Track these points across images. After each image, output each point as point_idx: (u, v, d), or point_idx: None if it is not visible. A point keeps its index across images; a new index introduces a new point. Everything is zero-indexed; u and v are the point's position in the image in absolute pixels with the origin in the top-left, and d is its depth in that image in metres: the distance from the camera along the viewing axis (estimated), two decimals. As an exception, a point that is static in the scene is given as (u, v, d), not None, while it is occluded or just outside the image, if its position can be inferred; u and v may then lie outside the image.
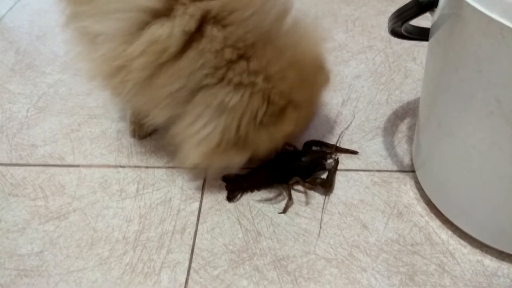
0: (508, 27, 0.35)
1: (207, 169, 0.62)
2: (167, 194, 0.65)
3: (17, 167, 0.71)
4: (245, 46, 0.52)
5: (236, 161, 0.58)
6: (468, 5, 0.38)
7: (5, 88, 0.86)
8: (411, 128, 0.73)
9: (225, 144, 0.55)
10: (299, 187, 0.65)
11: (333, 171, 0.65)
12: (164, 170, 0.69)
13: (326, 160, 0.66)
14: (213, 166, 0.59)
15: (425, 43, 0.55)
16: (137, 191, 0.66)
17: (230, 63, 0.52)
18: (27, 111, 0.81)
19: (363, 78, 0.84)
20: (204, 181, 0.67)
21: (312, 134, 0.72)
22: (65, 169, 0.69)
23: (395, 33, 0.54)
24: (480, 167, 0.48)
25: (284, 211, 0.62)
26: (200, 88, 0.54)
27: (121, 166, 0.69)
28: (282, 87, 0.54)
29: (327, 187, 0.63)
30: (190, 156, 0.57)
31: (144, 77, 0.52)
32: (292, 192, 0.64)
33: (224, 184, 0.66)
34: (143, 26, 0.51)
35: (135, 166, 0.69)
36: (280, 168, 0.64)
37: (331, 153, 0.67)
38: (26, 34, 1.01)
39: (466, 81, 0.43)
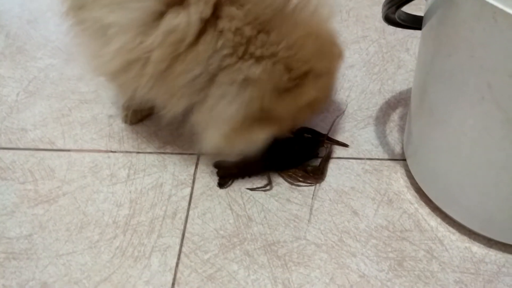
0: (500, 10, 0.36)
1: (229, 153, 0.60)
2: (158, 179, 0.65)
3: (6, 151, 0.70)
4: (263, 22, 0.51)
5: (260, 138, 0.57)
6: (462, -11, 0.38)
7: (-5, 72, 0.85)
8: (403, 118, 0.73)
9: (250, 120, 0.55)
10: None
11: (324, 159, 0.65)
12: (155, 155, 0.68)
13: (318, 148, 0.66)
14: (237, 147, 0.58)
15: (419, 34, 0.55)
16: (128, 176, 0.66)
17: (250, 39, 0.51)
18: (17, 95, 0.79)
19: (356, 68, 0.84)
20: (196, 167, 0.67)
21: (305, 122, 0.72)
22: (55, 153, 0.69)
23: (389, 19, 0.54)
24: (471, 154, 0.49)
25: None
26: (220, 70, 0.52)
27: (112, 151, 0.69)
28: (302, 54, 0.54)
29: (318, 174, 0.63)
30: (213, 139, 0.56)
31: (162, 69, 0.51)
32: (283, 179, 0.64)
33: (215, 170, 0.65)
34: (158, 16, 0.49)
35: (126, 151, 0.69)
36: (272, 156, 0.64)
37: (323, 142, 0.67)
38: (17, 18, 1.00)
39: (458, 66, 0.43)
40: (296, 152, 0.65)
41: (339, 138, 0.70)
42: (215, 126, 0.56)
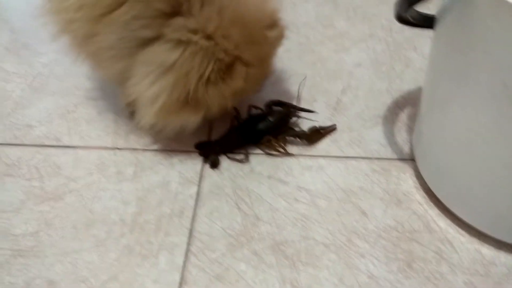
0: (520, 10, 0.35)
1: (163, 130, 0.62)
2: (165, 177, 0.65)
3: (11, 147, 0.69)
4: (180, 3, 0.53)
5: (191, 120, 0.59)
6: (479, -12, 0.38)
7: (0, 67, 0.84)
8: (411, 118, 0.72)
9: (176, 103, 0.56)
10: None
11: (324, 132, 0.68)
12: (162, 153, 0.68)
13: (291, 117, 0.70)
14: (169, 126, 0.60)
15: (426, 32, 0.54)
16: (135, 173, 0.65)
17: (165, 16, 0.53)
18: (22, 90, 0.79)
19: (363, 66, 0.83)
20: (203, 165, 0.66)
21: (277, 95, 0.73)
22: (61, 150, 0.68)
23: (401, 18, 0.53)
24: (483, 154, 0.48)
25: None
26: (141, 42, 0.55)
27: (118, 148, 0.68)
28: (226, 45, 0.54)
29: (304, 138, 0.67)
30: (145, 116, 0.58)
31: (86, 30, 0.56)
32: (291, 178, 0.64)
33: (198, 151, 0.67)
34: None
35: (133, 149, 0.68)
36: (250, 130, 0.67)
37: (294, 111, 0.70)
38: (21, 13, 0.99)
39: (473, 65, 0.43)
40: (273, 123, 0.67)
41: (347, 137, 0.70)
42: (145, 102, 0.57)
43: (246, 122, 0.69)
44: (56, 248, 0.57)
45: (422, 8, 0.54)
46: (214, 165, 0.66)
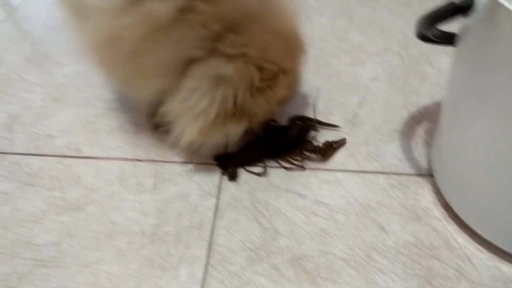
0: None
1: (202, 147, 0.62)
2: (184, 189, 0.65)
3: (33, 157, 0.70)
4: (232, 22, 0.55)
5: (233, 132, 0.61)
6: (506, 9, 0.38)
7: (21, 77, 0.86)
8: (428, 132, 0.73)
9: (223, 116, 0.58)
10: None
11: (336, 146, 0.69)
12: (181, 165, 0.69)
13: (310, 132, 0.71)
14: (210, 141, 0.61)
15: (441, 48, 0.55)
16: (154, 185, 0.66)
17: (219, 36, 0.55)
18: (43, 101, 0.80)
19: (379, 80, 0.84)
20: (221, 178, 0.67)
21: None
22: (82, 161, 0.69)
23: (422, 36, 0.54)
24: (505, 172, 0.48)
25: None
26: (191, 60, 0.56)
27: (138, 160, 0.69)
28: (273, 55, 0.58)
29: (319, 153, 0.67)
30: (186, 133, 0.59)
31: (134, 49, 0.55)
32: (309, 191, 0.64)
33: (216, 163, 0.68)
34: (134, 1, 0.53)
35: (153, 160, 0.69)
36: (269, 143, 0.68)
37: (314, 126, 0.71)
38: (42, 24, 1.01)
39: (497, 84, 0.43)
40: (291, 137, 0.68)
41: (364, 151, 0.70)
42: (188, 118, 0.58)
43: (266, 136, 0.69)
44: (77, 259, 0.57)
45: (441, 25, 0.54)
46: (233, 177, 0.66)
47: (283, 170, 0.68)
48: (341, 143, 0.70)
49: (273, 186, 0.66)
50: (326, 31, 0.96)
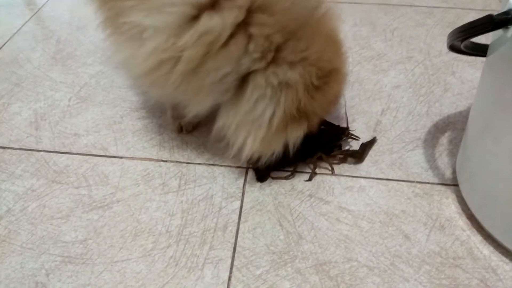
0: None
1: (263, 157, 0.62)
2: (208, 191, 0.66)
3: (60, 155, 0.72)
4: (292, 31, 0.56)
5: (295, 136, 0.61)
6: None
7: (47, 76, 0.87)
8: (452, 142, 0.73)
9: (287, 121, 0.59)
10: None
11: (365, 144, 0.71)
12: (205, 167, 0.69)
13: (342, 137, 0.72)
14: (273, 148, 0.61)
15: (464, 57, 0.55)
16: (179, 186, 0.67)
17: (279, 45, 0.56)
18: (69, 100, 0.82)
19: (402, 89, 0.84)
20: (245, 180, 0.68)
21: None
22: (108, 160, 0.70)
23: (453, 48, 0.54)
24: (536, 186, 0.48)
25: (310, 178, 0.68)
26: (249, 73, 0.57)
27: (163, 161, 0.70)
28: (327, 55, 0.60)
29: (357, 157, 0.69)
30: (248, 144, 0.60)
31: (192, 67, 0.55)
32: (332, 197, 0.64)
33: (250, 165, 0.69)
34: (191, 19, 0.53)
35: (177, 161, 0.70)
36: (302, 147, 0.66)
37: (346, 132, 0.72)
38: (67, 24, 1.03)
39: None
40: (325, 141, 0.70)
41: (388, 158, 0.70)
42: (251, 130, 0.59)
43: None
44: (104, 257, 0.58)
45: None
46: (262, 179, 0.67)
47: (306, 175, 0.68)
48: (373, 142, 0.72)
49: (296, 191, 0.66)
50: (348, 39, 0.96)
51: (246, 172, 0.69)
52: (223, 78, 0.56)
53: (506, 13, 0.42)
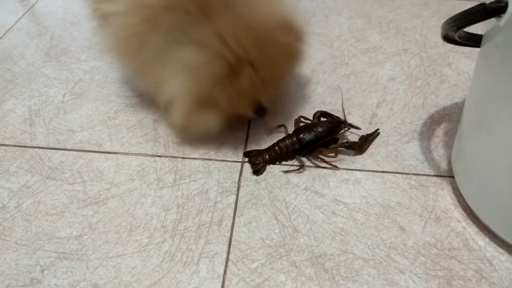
0: None
1: (191, 130, 0.68)
2: (203, 185, 0.66)
3: (54, 151, 0.71)
4: (205, 5, 0.59)
5: (212, 121, 0.65)
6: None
7: (41, 72, 0.87)
8: (448, 133, 0.72)
9: (197, 103, 0.63)
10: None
11: (371, 138, 0.70)
12: (200, 161, 0.69)
13: (340, 129, 0.70)
14: (195, 127, 0.67)
15: (460, 49, 0.54)
16: (174, 181, 0.66)
17: (196, 21, 0.60)
18: (64, 96, 0.81)
19: (398, 81, 0.83)
20: (240, 174, 0.67)
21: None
22: (102, 156, 0.70)
23: (447, 38, 0.54)
24: (530, 176, 0.48)
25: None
26: (177, 46, 0.61)
27: (158, 156, 0.70)
28: (235, 48, 0.60)
29: (355, 149, 0.68)
30: (175, 116, 0.65)
31: (139, 42, 0.62)
32: (328, 190, 0.64)
33: (246, 159, 0.69)
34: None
35: (172, 156, 0.70)
36: (298, 140, 0.68)
37: (343, 123, 0.71)
38: (60, 20, 1.02)
39: (526, 88, 0.43)
40: (322, 134, 0.69)
41: (383, 151, 0.70)
42: (175, 103, 0.64)
43: (295, 132, 0.70)
44: (99, 252, 0.58)
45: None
46: (258, 172, 0.67)
47: (301, 168, 0.68)
48: (376, 134, 0.72)
49: (292, 184, 0.66)
50: (344, 31, 0.96)
51: (242, 166, 0.69)
52: (161, 49, 0.62)
53: (499, 1, 0.42)
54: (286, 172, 0.67)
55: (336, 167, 0.68)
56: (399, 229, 0.60)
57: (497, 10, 0.42)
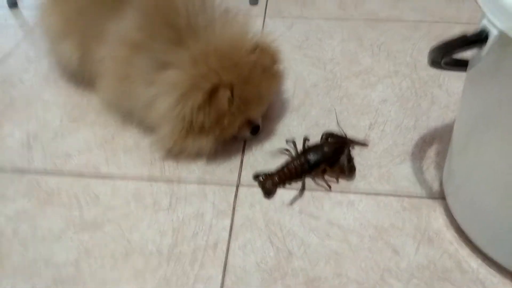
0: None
1: (181, 153, 0.71)
2: (199, 209, 0.66)
3: (51, 176, 0.72)
4: (177, 33, 0.66)
5: (202, 143, 0.69)
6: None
7: (39, 97, 0.88)
8: (439, 154, 0.74)
9: (182, 127, 0.66)
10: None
11: (350, 159, 0.72)
12: (195, 185, 0.70)
13: (346, 148, 0.72)
14: (186, 150, 0.70)
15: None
16: (170, 204, 0.67)
17: (174, 46, 0.66)
18: (61, 120, 0.82)
19: (389, 103, 0.85)
20: (235, 197, 0.68)
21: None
22: (99, 180, 0.71)
23: (434, 64, 0.55)
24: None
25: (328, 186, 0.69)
26: (159, 68, 0.67)
27: (154, 179, 0.71)
28: (207, 72, 0.64)
29: (353, 172, 0.70)
30: (163, 139, 0.69)
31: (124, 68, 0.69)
32: (322, 213, 0.65)
33: (257, 182, 0.70)
34: None
35: (168, 180, 0.71)
36: (307, 160, 0.70)
37: (348, 142, 0.74)
38: (59, 44, 1.04)
39: (509, 112, 0.44)
40: (329, 153, 0.71)
41: (376, 173, 0.71)
42: (161, 127, 0.69)
43: (302, 154, 0.71)
44: (96, 278, 0.58)
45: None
46: (269, 194, 0.68)
47: (296, 191, 0.69)
48: (350, 156, 0.73)
49: (287, 207, 0.67)
50: (336, 54, 0.98)
51: (237, 189, 0.70)
52: (145, 70, 0.68)
53: (479, 33, 0.44)
54: (292, 202, 0.67)
55: (330, 188, 0.69)
56: (392, 251, 0.61)
57: (477, 41, 0.44)
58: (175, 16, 0.67)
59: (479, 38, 0.43)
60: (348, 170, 0.70)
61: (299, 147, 0.74)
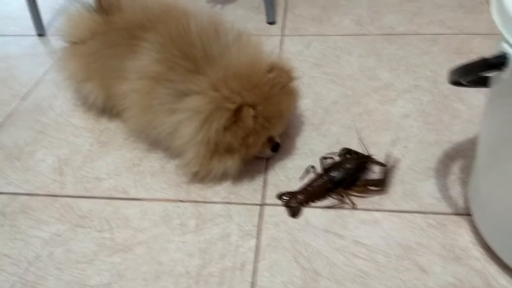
0: None
1: (207, 176, 0.73)
2: (225, 229, 0.68)
3: (83, 199, 0.75)
4: (194, 63, 0.69)
5: (228, 164, 0.70)
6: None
7: (69, 122, 0.92)
8: (464, 170, 0.73)
9: (208, 149, 0.68)
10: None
11: (389, 173, 0.73)
12: (221, 205, 0.72)
13: (368, 164, 0.73)
14: (212, 172, 0.72)
15: None
16: (197, 225, 0.69)
17: (191, 74, 0.69)
18: (91, 145, 0.86)
19: (411, 118, 0.85)
20: (260, 217, 0.70)
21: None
22: (128, 202, 0.73)
23: (454, 83, 0.56)
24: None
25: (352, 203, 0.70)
26: (180, 95, 0.70)
27: (180, 201, 0.73)
28: (229, 94, 0.67)
29: (382, 187, 0.70)
30: (189, 162, 0.71)
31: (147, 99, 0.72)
32: (347, 232, 0.66)
33: (281, 202, 0.71)
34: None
35: (194, 201, 0.73)
36: (331, 178, 0.71)
37: (369, 159, 0.74)
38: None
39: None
40: (352, 170, 0.71)
41: (400, 189, 0.72)
42: (186, 151, 0.71)
43: (326, 172, 0.72)
44: (128, 300, 0.60)
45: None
46: (295, 214, 0.69)
47: (320, 209, 0.70)
48: (388, 168, 0.74)
49: (311, 225, 0.68)
50: (355, 70, 0.99)
51: (261, 209, 0.71)
52: (165, 99, 0.71)
53: (500, 56, 0.44)
54: (317, 220, 0.68)
55: (354, 205, 0.69)
56: (419, 270, 0.60)
57: (498, 65, 0.44)
58: (191, 48, 0.70)
59: (499, 62, 0.44)
60: (380, 183, 0.71)
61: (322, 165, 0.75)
